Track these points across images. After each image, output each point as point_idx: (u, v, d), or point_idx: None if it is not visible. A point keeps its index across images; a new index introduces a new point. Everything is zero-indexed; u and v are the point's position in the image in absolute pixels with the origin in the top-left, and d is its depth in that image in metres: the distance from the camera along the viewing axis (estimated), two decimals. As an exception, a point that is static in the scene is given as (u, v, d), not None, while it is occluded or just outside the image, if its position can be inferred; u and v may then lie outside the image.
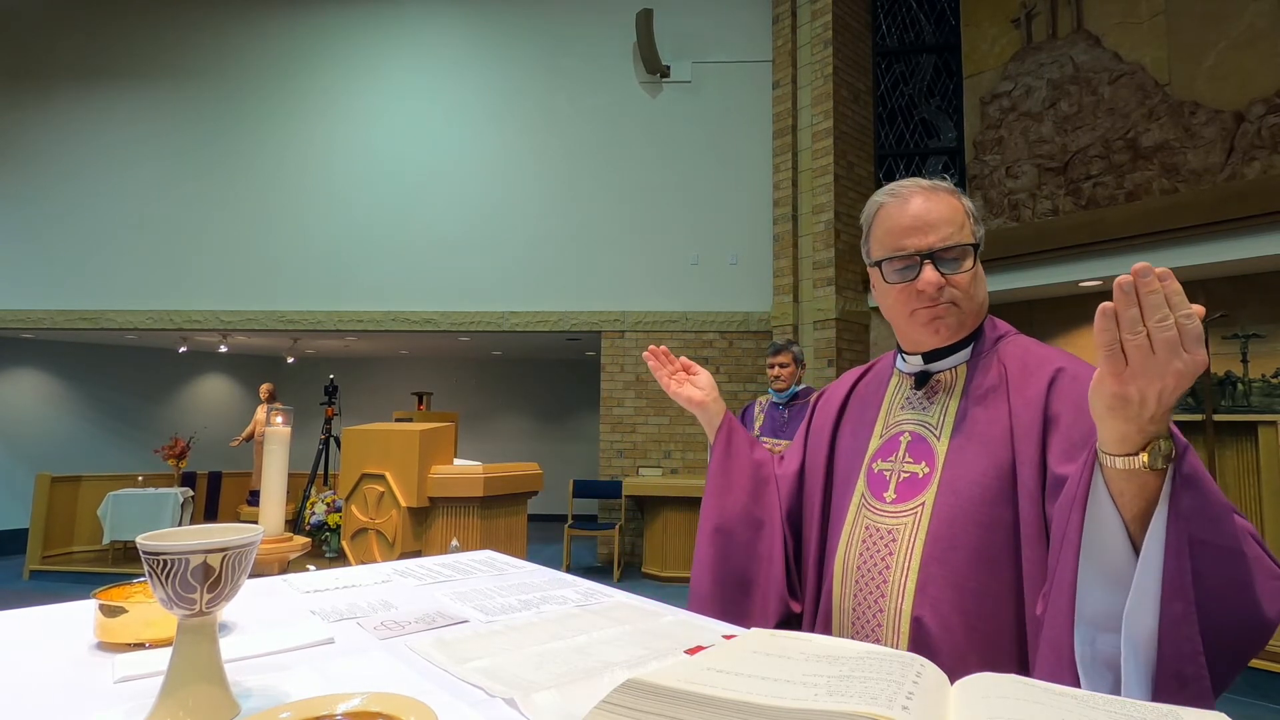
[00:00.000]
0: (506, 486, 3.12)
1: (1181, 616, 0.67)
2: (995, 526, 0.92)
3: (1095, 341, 0.66)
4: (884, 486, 1.04)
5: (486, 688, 0.68)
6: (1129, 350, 0.64)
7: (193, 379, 9.81)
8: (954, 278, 1.00)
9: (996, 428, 0.96)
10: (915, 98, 6.45)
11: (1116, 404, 0.67)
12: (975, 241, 1.02)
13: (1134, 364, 0.64)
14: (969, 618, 0.91)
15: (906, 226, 1.01)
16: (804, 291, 6.17)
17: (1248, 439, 3.60)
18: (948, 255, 0.99)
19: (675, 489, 5.90)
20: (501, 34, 7.11)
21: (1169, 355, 0.62)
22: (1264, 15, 4.58)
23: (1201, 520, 0.68)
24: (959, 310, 1.01)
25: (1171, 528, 0.67)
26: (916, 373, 1.09)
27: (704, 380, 1.27)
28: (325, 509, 5.52)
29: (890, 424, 1.09)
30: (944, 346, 1.05)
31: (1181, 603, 0.67)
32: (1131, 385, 0.65)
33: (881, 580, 0.98)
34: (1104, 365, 0.66)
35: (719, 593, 1.16)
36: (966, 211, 1.03)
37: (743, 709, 0.52)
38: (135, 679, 0.69)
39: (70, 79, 7.25)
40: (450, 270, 6.84)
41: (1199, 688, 0.66)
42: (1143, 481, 0.69)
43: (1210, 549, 0.68)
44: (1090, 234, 4.72)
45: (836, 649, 0.68)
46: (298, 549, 1.39)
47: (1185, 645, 0.67)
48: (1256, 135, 4.56)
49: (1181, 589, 0.67)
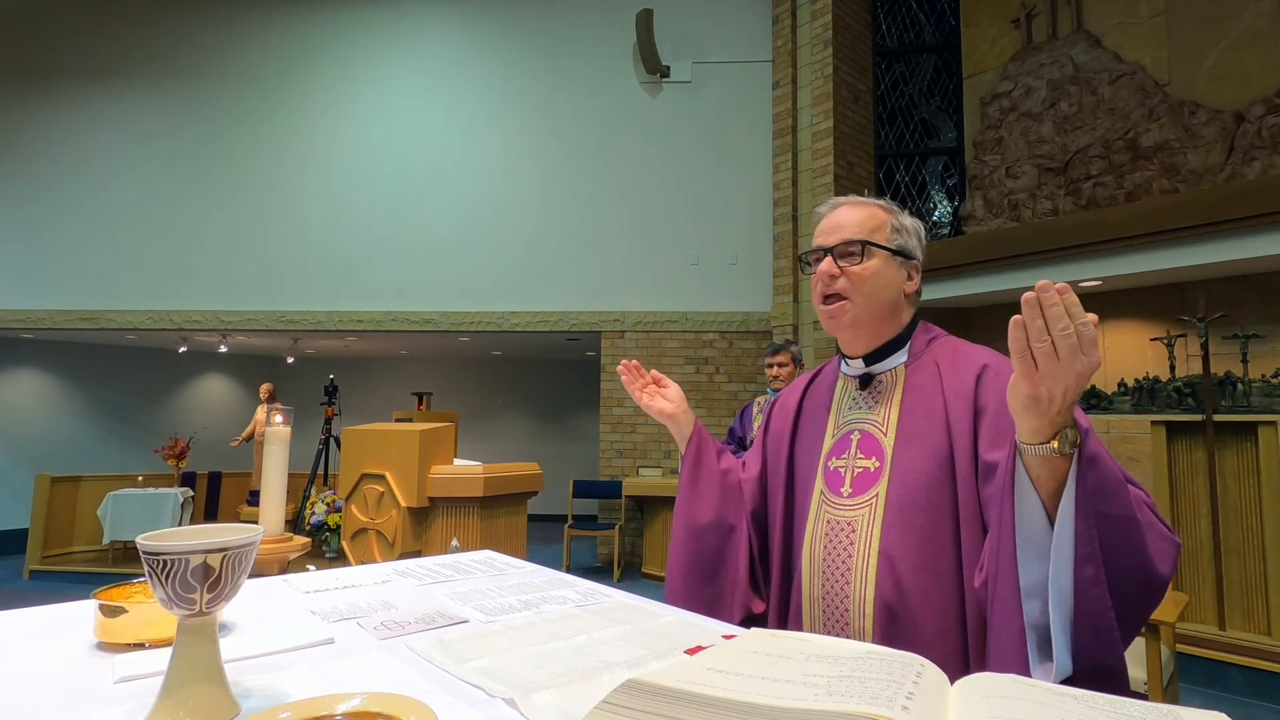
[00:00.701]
0: (506, 486, 3.12)
1: (1093, 578, 0.77)
2: (938, 509, 1.02)
3: (1010, 349, 0.76)
4: (840, 482, 1.13)
5: (486, 688, 0.68)
6: (1037, 356, 0.74)
7: (193, 379, 9.81)
8: (848, 269, 1.13)
9: (934, 421, 1.07)
10: (915, 98, 6.45)
11: (1030, 403, 0.77)
12: (882, 244, 1.14)
13: (1042, 368, 0.74)
14: (923, 595, 1.00)
15: (822, 228, 1.19)
16: (804, 291, 6.17)
17: (1248, 439, 3.60)
18: (848, 250, 1.13)
19: (675, 489, 5.88)
20: (501, 34, 7.11)
21: (1071, 359, 0.72)
22: (1264, 15, 4.58)
23: (1103, 495, 0.79)
24: (851, 305, 1.13)
25: (1080, 503, 0.78)
26: (860, 375, 1.19)
27: (674, 393, 1.36)
28: (325, 509, 5.52)
29: (841, 424, 1.19)
30: (879, 348, 1.16)
31: (1092, 566, 0.77)
32: (1041, 386, 0.75)
33: (846, 569, 1.07)
34: (1017, 370, 0.77)
35: (691, 593, 1.25)
36: (889, 223, 1.16)
37: (743, 709, 0.52)
38: (135, 679, 0.69)
39: (70, 79, 7.25)
40: (450, 270, 6.84)
41: (1109, 635, 0.77)
42: (1054, 465, 0.80)
43: (1111, 519, 0.79)
44: (1090, 234, 4.71)
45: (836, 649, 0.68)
46: (298, 549, 1.39)
47: (1097, 602, 0.77)
48: (1256, 135, 4.56)
49: (1090, 555, 0.77)
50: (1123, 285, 5.07)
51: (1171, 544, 0.84)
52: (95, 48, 7.28)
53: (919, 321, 1.21)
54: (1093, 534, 0.77)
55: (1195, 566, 3.72)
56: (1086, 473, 0.78)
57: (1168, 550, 0.83)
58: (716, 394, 6.40)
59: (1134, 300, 5.20)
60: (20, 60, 7.26)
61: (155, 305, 6.93)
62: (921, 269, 1.20)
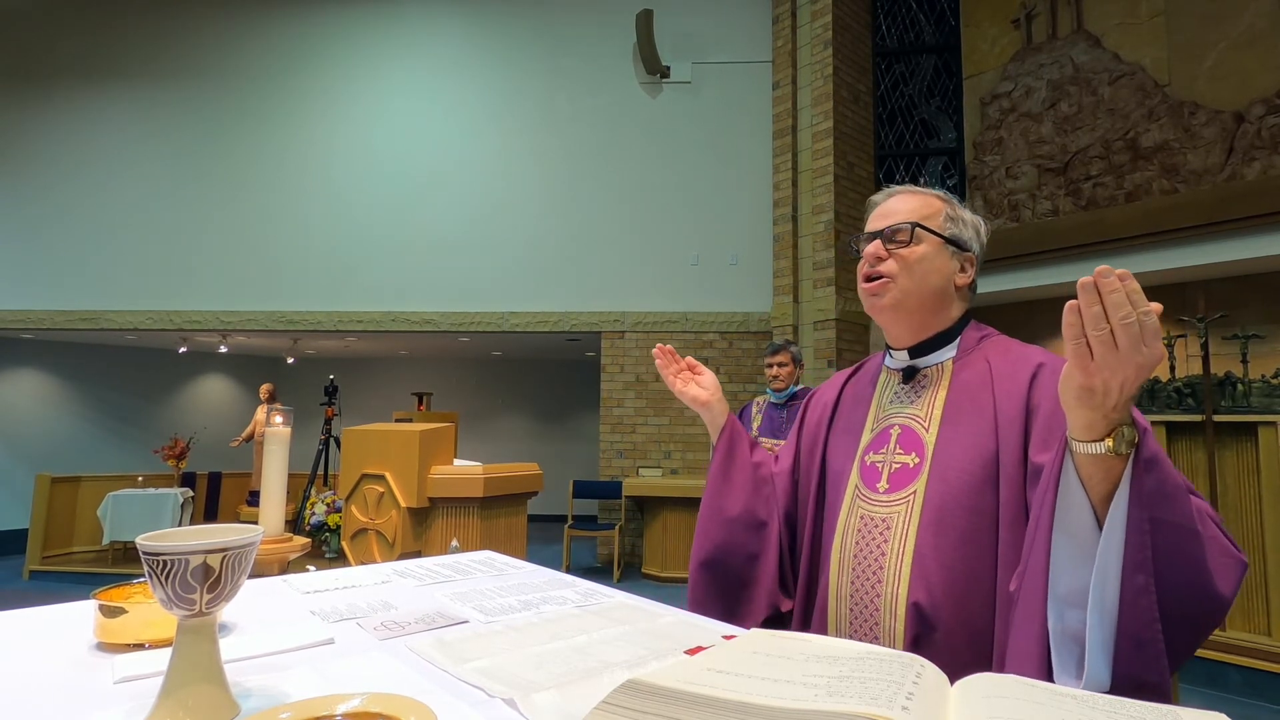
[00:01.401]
0: (506, 487, 3.12)
1: (1142, 588, 0.72)
2: (980, 511, 0.98)
3: (1064, 335, 0.71)
4: (876, 477, 1.08)
5: (486, 688, 0.68)
6: (1094, 345, 0.69)
7: (193, 379, 9.81)
8: (895, 251, 1.09)
9: (982, 419, 1.02)
10: (915, 98, 6.45)
11: (1083, 395, 0.72)
12: (934, 229, 1.10)
13: (1099, 358, 0.69)
14: (958, 598, 0.96)
15: (874, 216, 1.15)
16: (804, 292, 6.17)
17: (1248, 439, 3.60)
18: (896, 235, 1.10)
19: (675, 489, 5.90)
20: (501, 34, 7.11)
21: (1131, 349, 0.67)
22: (1264, 15, 4.58)
23: (1160, 500, 0.73)
24: (894, 286, 1.09)
25: (1133, 507, 0.73)
26: (904, 368, 1.14)
27: (708, 380, 1.30)
28: (325, 509, 5.52)
29: (880, 418, 1.14)
30: (925, 341, 1.12)
31: (1143, 575, 0.72)
32: (1097, 377, 0.70)
33: (878, 567, 1.02)
34: (1071, 359, 0.71)
35: (715, 588, 1.20)
36: (945, 211, 1.12)
37: (742, 709, 0.52)
38: (135, 679, 0.69)
39: (70, 79, 7.25)
40: (450, 270, 6.84)
41: (1154, 649, 0.72)
42: (1108, 465, 0.75)
43: (1167, 527, 0.73)
44: (1090, 234, 4.72)
45: (836, 649, 0.68)
46: (298, 549, 1.39)
47: (1145, 613, 0.72)
48: (1256, 135, 4.56)
49: (1142, 563, 0.72)
50: (1123, 285, 5.08)
51: (1237, 562, 0.78)
52: (95, 48, 7.28)
53: (970, 318, 1.16)
54: (1145, 541, 0.72)
55: (1195, 567, 3.72)
56: (1144, 475, 0.73)
57: (1231, 569, 0.77)
58: (716, 394, 6.39)
59: (1134, 300, 5.20)
60: (20, 60, 7.26)
61: (155, 305, 6.93)
62: (978, 264, 1.14)
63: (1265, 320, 4.58)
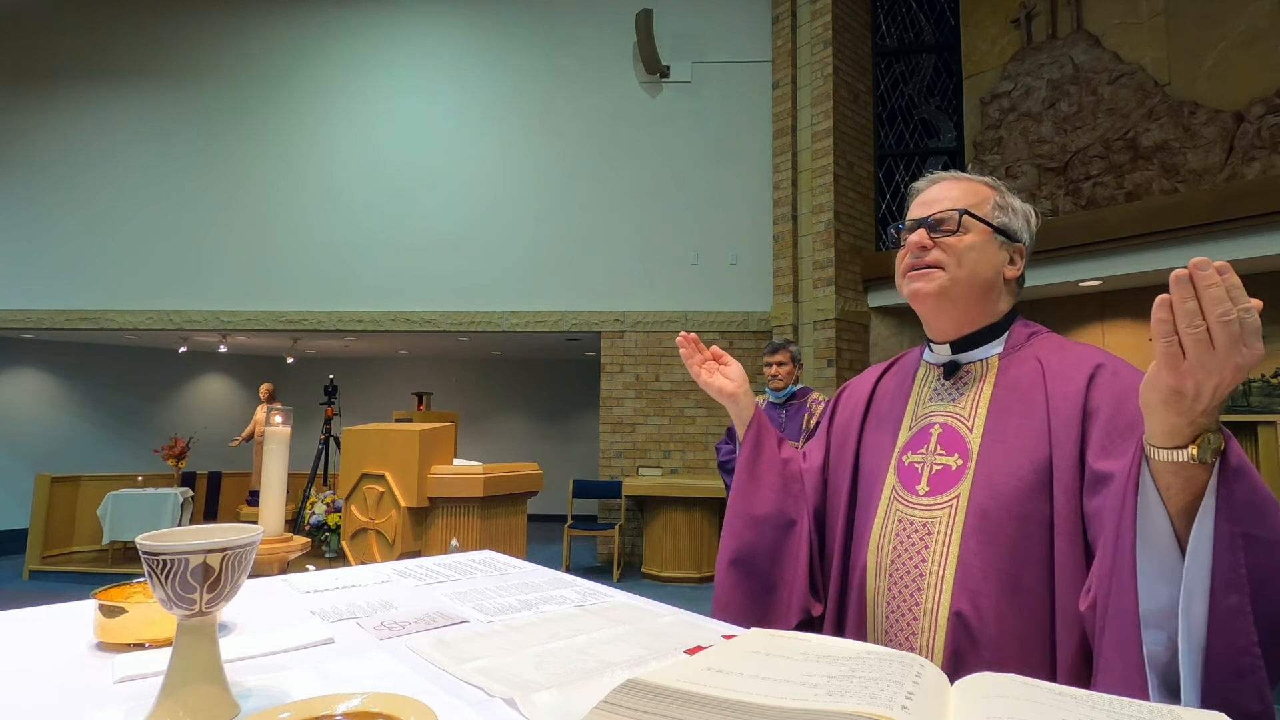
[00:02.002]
0: (506, 486, 3.12)
1: (1236, 609, 0.66)
2: (1031, 520, 0.92)
3: (1154, 332, 0.65)
4: (916, 479, 1.03)
5: (486, 688, 0.68)
6: (1187, 344, 0.63)
7: (193, 379, 9.81)
8: (941, 240, 1.03)
9: (1034, 421, 0.96)
10: (915, 98, 6.45)
11: (1171, 397, 0.66)
12: (982, 217, 1.04)
13: (1192, 358, 0.63)
14: (1005, 611, 0.90)
15: (919, 202, 1.10)
16: (804, 291, 6.17)
17: (1247, 439, 3.60)
18: (943, 223, 1.04)
19: (675, 489, 5.90)
20: (501, 34, 7.11)
21: (1230, 349, 0.62)
22: (1264, 15, 4.58)
23: (1250, 513, 0.67)
24: (943, 274, 1.03)
25: (1221, 520, 0.67)
26: (945, 363, 1.09)
27: (735, 371, 1.23)
28: (325, 509, 5.53)
29: (919, 416, 1.08)
30: (969, 335, 1.06)
31: (1236, 595, 0.66)
32: (1189, 379, 0.64)
33: (918, 574, 0.97)
34: (1161, 359, 0.65)
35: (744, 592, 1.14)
36: (993, 199, 1.07)
37: (742, 709, 0.52)
38: (135, 679, 0.69)
39: (71, 79, 7.25)
40: (450, 270, 6.84)
41: (1256, 678, 0.65)
42: (1189, 475, 0.69)
43: (1261, 543, 0.67)
44: (1090, 234, 4.72)
45: (836, 649, 0.68)
46: (298, 549, 1.39)
47: (1240, 638, 0.66)
48: (1256, 135, 4.56)
49: (1234, 582, 0.66)
50: (1123, 285, 5.08)
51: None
52: (95, 48, 7.28)
53: (1018, 313, 1.09)
54: (1238, 558, 0.66)
55: (1195, 566, 3.72)
56: (1232, 485, 0.67)
57: None
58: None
59: (1134, 300, 5.20)
60: (21, 60, 7.26)
61: (155, 305, 6.93)
62: (1028, 256, 1.09)
63: (1265, 320, 4.57)
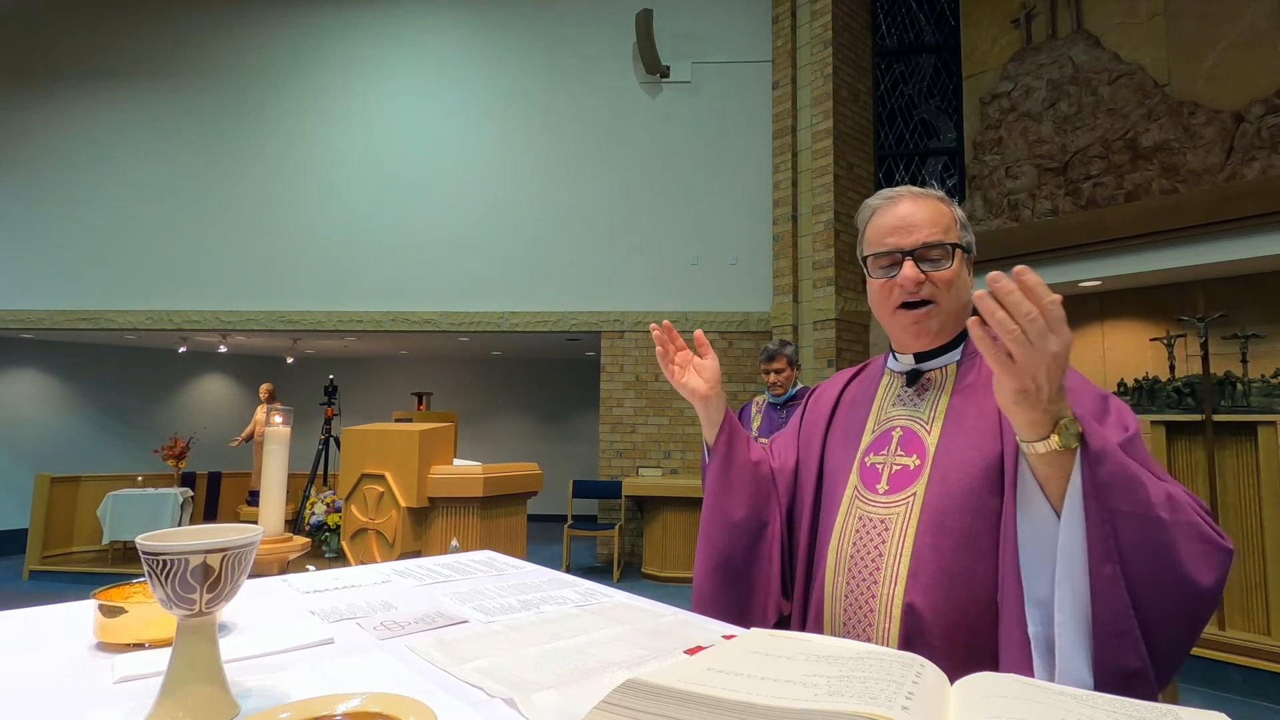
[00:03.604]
0: (506, 487, 3.12)
1: (1111, 577, 0.74)
2: (982, 514, 0.96)
3: (980, 348, 0.75)
4: (876, 479, 1.06)
5: (486, 688, 0.68)
6: (1010, 347, 0.72)
7: (193, 379, 9.80)
8: (934, 274, 1.04)
9: (985, 422, 1.00)
10: (915, 98, 6.45)
11: (1019, 396, 0.75)
12: (960, 244, 1.07)
13: (1019, 357, 0.72)
14: (955, 602, 0.94)
15: (892, 227, 1.07)
16: (804, 291, 6.17)
17: (1247, 439, 3.60)
18: (929, 254, 1.05)
19: (675, 489, 5.90)
20: (501, 34, 7.11)
21: (1042, 340, 0.71)
22: (1264, 15, 4.58)
23: (1116, 490, 0.75)
24: (939, 310, 1.06)
25: (1088, 499, 0.75)
26: (908, 371, 1.13)
27: (710, 371, 1.17)
28: (325, 509, 5.52)
29: (882, 420, 1.12)
30: (936, 346, 1.10)
31: (1110, 565, 0.74)
32: (1024, 375, 0.73)
33: (874, 568, 1.00)
34: (997, 367, 0.74)
35: (722, 595, 1.16)
36: (955, 218, 1.08)
37: (742, 709, 0.52)
38: (135, 679, 0.69)
39: (70, 79, 7.25)
40: (450, 270, 6.84)
41: (1131, 637, 0.74)
42: (1060, 462, 0.77)
43: (1129, 518, 0.75)
44: (1090, 234, 4.72)
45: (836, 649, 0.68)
46: (297, 549, 1.39)
47: (1116, 601, 0.74)
48: (1256, 135, 4.56)
49: (1106, 553, 0.74)
50: (1123, 285, 5.08)
51: (1217, 549, 0.77)
52: (95, 48, 7.28)
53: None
54: (1107, 531, 0.74)
55: (1195, 566, 3.72)
56: (1096, 465, 0.75)
57: (1210, 555, 0.76)
58: (716, 394, 6.39)
59: (1134, 300, 5.20)
60: (20, 60, 7.26)
61: (155, 305, 6.93)
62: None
63: (1265, 320, 4.58)
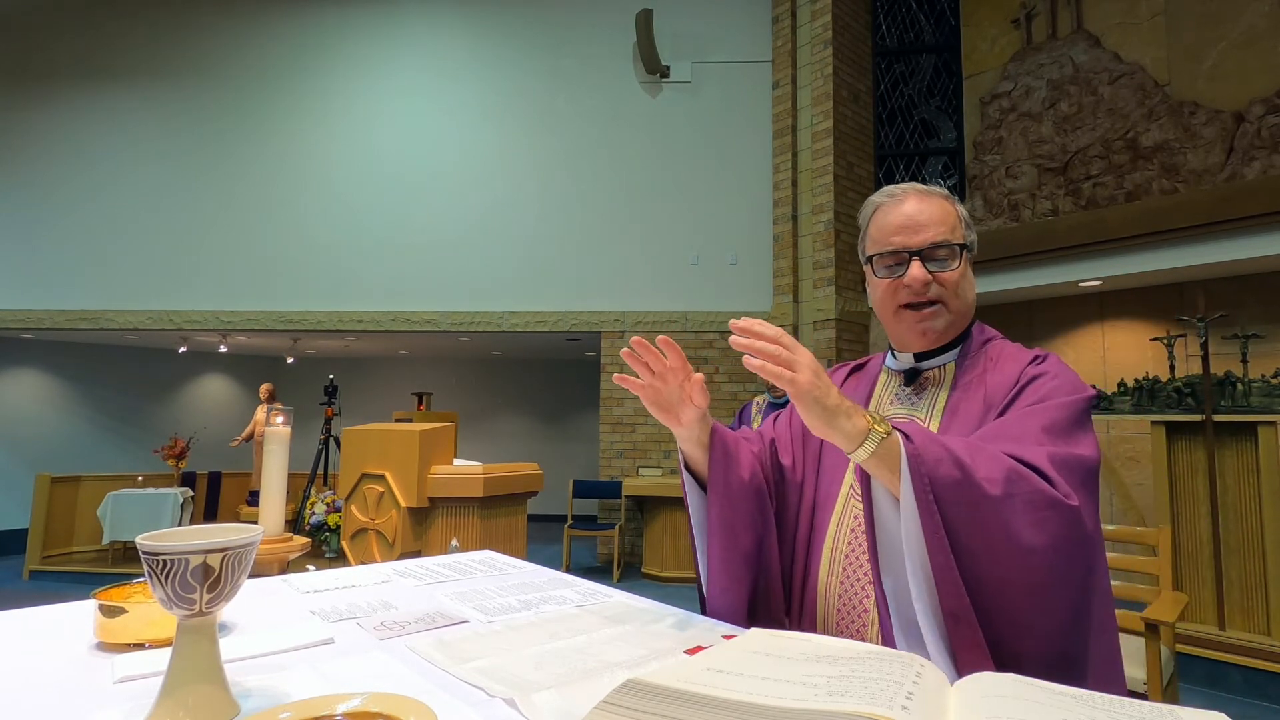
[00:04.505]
0: (506, 486, 3.12)
1: (944, 565, 0.77)
2: None
3: (770, 384, 0.82)
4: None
5: (486, 688, 0.68)
6: (772, 378, 0.79)
7: (193, 379, 9.80)
8: (941, 275, 1.04)
9: (976, 415, 1.01)
10: (915, 98, 6.45)
11: (817, 410, 0.79)
12: (965, 243, 1.06)
13: (784, 381, 0.78)
14: None
15: (898, 225, 1.06)
16: (804, 291, 6.17)
17: (1248, 439, 3.60)
18: (936, 254, 1.04)
19: (675, 489, 5.89)
20: (501, 34, 7.11)
21: (786, 360, 0.79)
22: (1264, 15, 4.58)
23: (941, 482, 0.78)
24: (946, 311, 1.06)
25: (917, 493, 0.77)
26: (907, 369, 1.12)
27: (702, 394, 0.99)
28: (325, 509, 5.52)
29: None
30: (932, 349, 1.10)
31: (941, 554, 0.77)
32: (804, 391, 0.78)
33: (868, 567, 0.99)
34: (792, 396, 0.80)
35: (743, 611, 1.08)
36: (959, 217, 1.08)
37: (742, 709, 0.52)
38: (135, 679, 0.69)
39: (70, 79, 7.25)
40: (450, 270, 6.84)
41: (968, 619, 0.76)
42: (887, 465, 0.80)
43: (956, 506, 0.77)
44: (1090, 234, 4.71)
45: (836, 649, 0.68)
46: (297, 549, 1.39)
47: (952, 588, 0.76)
48: (1256, 135, 4.56)
49: (939, 544, 0.77)
50: (1123, 285, 5.07)
51: (1055, 509, 0.77)
52: (95, 48, 7.28)
53: (976, 320, 1.13)
54: (936, 521, 0.77)
55: (1195, 566, 3.72)
56: (918, 463, 0.78)
57: (1047, 518, 0.77)
58: (716, 394, 6.39)
59: (1134, 300, 5.20)
60: (20, 60, 7.26)
61: (155, 305, 6.93)
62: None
63: (1265, 320, 4.58)
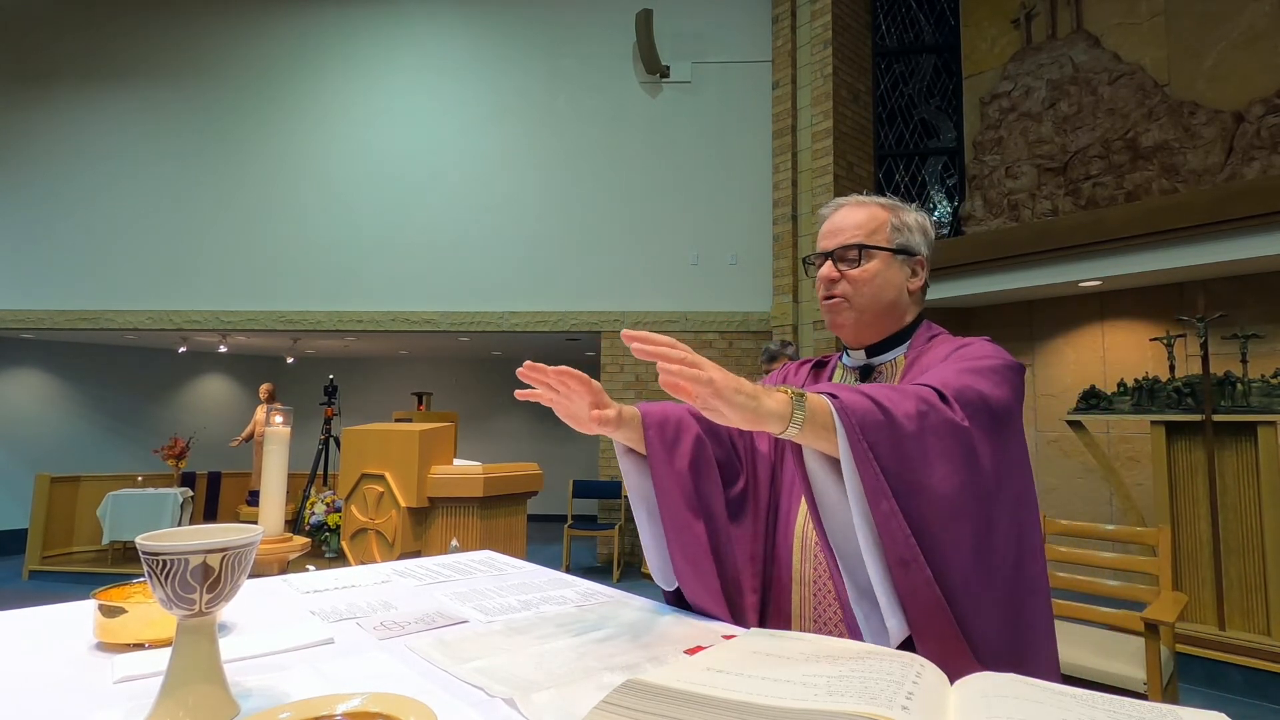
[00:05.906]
0: (506, 486, 3.12)
1: (889, 511, 0.78)
2: None
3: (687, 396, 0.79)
4: None
5: (486, 688, 0.68)
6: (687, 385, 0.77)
7: (193, 379, 9.80)
8: (849, 273, 1.14)
9: None
10: (915, 98, 6.45)
11: (739, 400, 0.77)
12: (891, 246, 1.14)
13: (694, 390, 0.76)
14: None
15: (823, 231, 1.20)
16: (804, 291, 6.17)
17: (1247, 439, 3.60)
18: (846, 255, 1.14)
19: (675, 489, 5.88)
20: (502, 34, 7.11)
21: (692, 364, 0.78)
22: (1264, 15, 4.58)
23: (870, 427, 0.80)
24: (849, 305, 1.14)
25: (853, 443, 0.79)
26: (860, 366, 1.21)
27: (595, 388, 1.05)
28: (325, 509, 5.52)
29: None
30: (880, 341, 1.18)
31: (886, 501, 0.78)
32: (719, 389, 0.76)
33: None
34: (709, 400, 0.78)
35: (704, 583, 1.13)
36: (890, 223, 1.16)
37: (742, 709, 0.52)
38: (135, 679, 0.69)
39: (71, 79, 7.25)
40: (450, 270, 6.84)
41: (917, 564, 0.78)
42: (822, 425, 0.80)
43: (884, 446, 0.80)
44: (1090, 234, 4.71)
45: (836, 649, 0.68)
46: (297, 549, 1.39)
47: (898, 533, 0.78)
48: (1256, 135, 4.56)
49: (879, 490, 0.78)
50: (1122, 285, 5.07)
51: (953, 429, 0.83)
52: (95, 48, 7.28)
53: (923, 319, 1.21)
54: (873, 468, 0.78)
55: (1195, 566, 3.72)
56: (847, 422, 0.79)
57: (950, 448, 0.82)
58: (716, 394, 6.39)
59: (1133, 300, 5.20)
60: (20, 60, 7.26)
61: (155, 305, 6.93)
62: (928, 264, 1.19)
63: (1265, 320, 4.58)
